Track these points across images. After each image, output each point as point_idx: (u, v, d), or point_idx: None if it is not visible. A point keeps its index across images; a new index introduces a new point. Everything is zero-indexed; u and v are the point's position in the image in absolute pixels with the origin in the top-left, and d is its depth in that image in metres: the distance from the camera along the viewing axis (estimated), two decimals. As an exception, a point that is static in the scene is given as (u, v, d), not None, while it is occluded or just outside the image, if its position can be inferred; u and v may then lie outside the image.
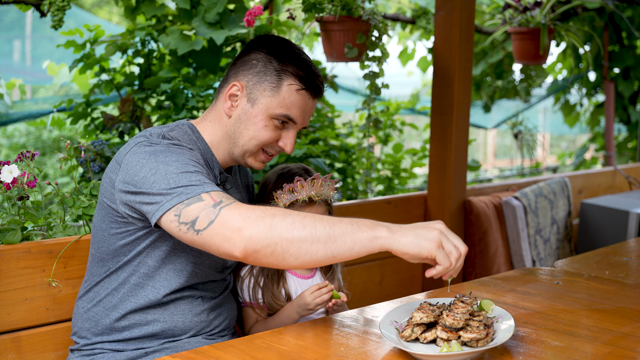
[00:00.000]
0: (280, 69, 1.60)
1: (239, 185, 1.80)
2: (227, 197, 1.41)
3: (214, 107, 1.68)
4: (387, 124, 3.84)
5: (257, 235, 1.33)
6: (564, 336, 1.46)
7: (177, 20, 2.61)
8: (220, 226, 1.35)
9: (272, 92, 1.60)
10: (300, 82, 1.61)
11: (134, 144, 1.54)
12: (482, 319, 1.41)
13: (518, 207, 2.96)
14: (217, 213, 1.36)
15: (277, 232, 1.33)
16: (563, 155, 6.73)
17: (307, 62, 1.63)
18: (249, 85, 1.61)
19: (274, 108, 1.60)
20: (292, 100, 1.60)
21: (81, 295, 1.68)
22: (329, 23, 2.37)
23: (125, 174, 1.50)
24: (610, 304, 1.71)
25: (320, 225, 1.34)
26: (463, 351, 1.32)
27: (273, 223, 1.33)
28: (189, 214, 1.38)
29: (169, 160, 1.46)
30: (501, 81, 4.50)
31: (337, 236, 1.34)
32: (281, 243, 1.33)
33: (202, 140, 1.65)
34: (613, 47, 4.65)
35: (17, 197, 1.75)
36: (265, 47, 1.63)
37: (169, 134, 1.58)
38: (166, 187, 1.41)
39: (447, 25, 2.64)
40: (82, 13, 4.97)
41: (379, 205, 2.64)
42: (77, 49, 2.63)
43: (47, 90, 7.72)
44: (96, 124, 2.64)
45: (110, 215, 1.57)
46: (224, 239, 1.35)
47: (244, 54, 1.66)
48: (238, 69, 1.64)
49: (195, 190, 1.40)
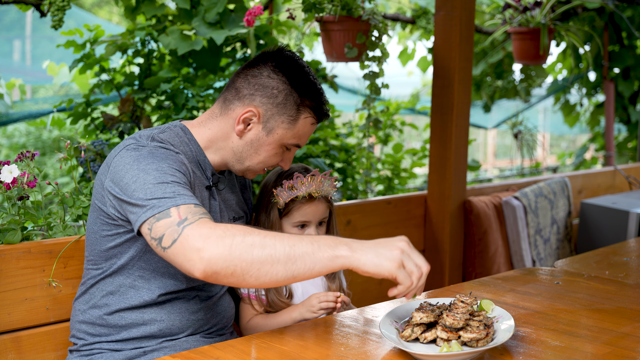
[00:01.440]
0: (300, 102, 1.63)
1: (234, 185, 1.80)
2: (195, 212, 1.40)
3: (219, 118, 1.66)
4: (387, 124, 3.84)
5: (217, 257, 1.32)
6: (564, 336, 1.46)
7: (177, 20, 2.61)
8: (182, 246, 1.35)
9: (289, 125, 1.63)
10: (315, 115, 1.66)
11: (122, 147, 1.55)
12: (482, 319, 1.41)
13: (518, 207, 2.96)
14: (179, 232, 1.36)
15: (236, 254, 1.32)
16: (563, 155, 6.73)
17: (320, 93, 1.67)
18: (266, 115, 1.62)
19: (289, 139, 1.65)
20: (305, 131, 1.67)
21: (78, 296, 1.68)
22: (329, 23, 2.37)
23: (112, 177, 1.52)
24: (610, 304, 1.71)
25: (281, 246, 1.33)
26: (463, 351, 1.32)
27: (233, 244, 1.33)
28: (158, 230, 1.40)
29: (149, 168, 1.47)
30: (501, 81, 4.49)
31: (297, 257, 1.33)
32: (241, 265, 1.33)
33: (195, 142, 1.65)
34: (613, 47, 4.64)
35: (17, 197, 1.75)
36: (287, 75, 1.63)
37: (158, 135, 1.59)
38: (143, 198, 1.43)
39: (447, 25, 2.63)
40: (82, 13, 4.96)
41: (379, 205, 2.64)
42: (77, 49, 2.63)
43: (47, 90, 7.72)
44: (96, 124, 2.64)
45: (101, 217, 1.58)
46: (185, 259, 1.35)
47: (259, 70, 1.63)
48: (255, 92, 1.62)
49: (167, 203, 1.41)
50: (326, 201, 1.84)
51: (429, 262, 1.40)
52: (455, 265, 2.79)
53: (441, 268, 2.76)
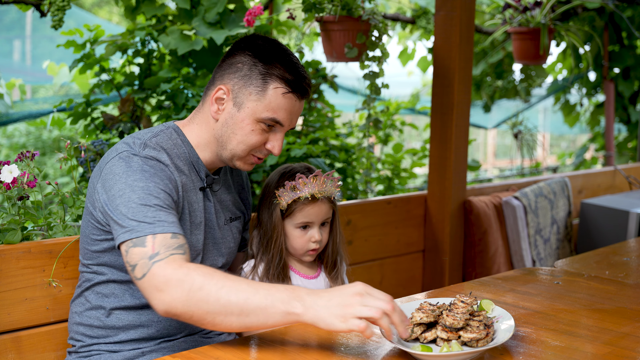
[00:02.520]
0: (266, 72, 1.58)
1: (230, 186, 1.79)
2: (169, 245, 1.41)
3: (201, 109, 1.67)
4: (387, 123, 3.82)
5: (175, 302, 1.36)
6: (564, 336, 1.46)
7: (177, 20, 2.60)
8: (148, 283, 1.39)
9: (258, 96, 1.58)
10: (287, 85, 1.58)
11: (115, 154, 1.54)
12: (482, 319, 1.41)
13: (518, 207, 2.95)
14: (149, 267, 1.39)
15: (193, 302, 1.35)
16: (563, 155, 6.71)
17: (293, 64, 1.60)
18: (234, 89, 1.60)
19: (260, 112, 1.58)
20: (279, 104, 1.58)
21: (74, 299, 1.68)
22: (329, 23, 2.37)
23: (102, 184, 1.52)
24: (611, 304, 1.71)
25: (235, 298, 1.33)
26: (463, 351, 1.32)
27: (190, 292, 1.35)
28: (132, 257, 1.42)
29: (135, 185, 1.47)
30: (501, 81, 4.49)
31: (250, 311, 1.32)
32: (197, 312, 1.35)
33: (188, 143, 1.64)
34: (613, 47, 4.64)
35: (17, 197, 1.74)
36: (251, 49, 1.61)
37: (152, 140, 1.57)
38: (124, 215, 1.45)
39: (447, 25, 2.63)
40: (82, 13, 4.96)
41: (379, 205, 2.64)
42: (77, 49, 2.62)
43: (47, 90, 7.71)
44: (96, 123, 2.64)
45: (91, 222, 1.58)
46: (150, 297, 1.39)
47: (230, 56, 1.64)
48: (224, 71, 1.62)
49: (145, 229, 1.42)
50: (329, 202, 1.83)
51: (429, 263, 1.40)
52: (455, 265, 2.79)
53: (441, 268, 2.75)
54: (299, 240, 1.82)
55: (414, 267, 2.79)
